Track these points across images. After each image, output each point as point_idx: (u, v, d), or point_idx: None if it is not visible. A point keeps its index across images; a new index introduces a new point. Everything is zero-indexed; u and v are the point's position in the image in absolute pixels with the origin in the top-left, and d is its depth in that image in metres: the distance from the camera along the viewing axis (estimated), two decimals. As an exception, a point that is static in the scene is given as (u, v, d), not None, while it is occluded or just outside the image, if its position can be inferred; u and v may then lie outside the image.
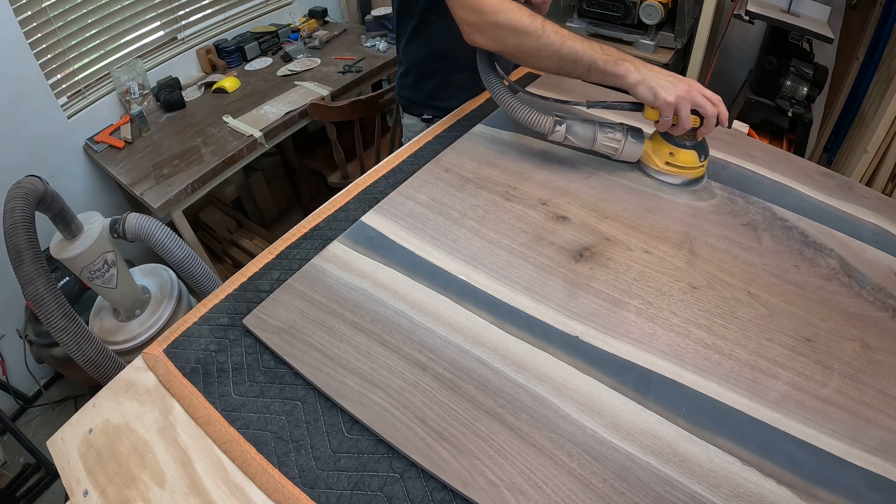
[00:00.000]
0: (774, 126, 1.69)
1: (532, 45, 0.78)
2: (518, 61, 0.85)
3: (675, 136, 0.79)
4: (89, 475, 0.52)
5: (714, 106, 0.75)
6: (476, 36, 0.81)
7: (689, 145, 0.79)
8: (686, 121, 0.75)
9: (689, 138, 0.79)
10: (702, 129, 0.77)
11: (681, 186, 0.81)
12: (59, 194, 0.94)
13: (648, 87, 0.75)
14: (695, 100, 0.74)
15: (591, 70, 0.77)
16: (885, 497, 0.47)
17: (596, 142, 0.82)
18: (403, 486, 0.49)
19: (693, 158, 0.80)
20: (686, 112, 0.74)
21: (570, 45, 0.77)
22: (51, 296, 0.83)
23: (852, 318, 0.62)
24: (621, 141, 0.81)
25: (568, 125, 0.81)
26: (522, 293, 0.65)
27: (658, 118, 0.77)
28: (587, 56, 0.77)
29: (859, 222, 0.76)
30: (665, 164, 0.81)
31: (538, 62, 0.81)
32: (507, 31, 0.78)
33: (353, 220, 0.77)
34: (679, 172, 0.81)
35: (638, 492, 0.47)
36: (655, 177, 0.83)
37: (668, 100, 0.74)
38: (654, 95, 0.74)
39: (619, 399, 0.54)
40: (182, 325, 0.65)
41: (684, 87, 0.74)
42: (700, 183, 0.83)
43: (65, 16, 1.65)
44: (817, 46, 1.66)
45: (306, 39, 2.27)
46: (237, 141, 1.68)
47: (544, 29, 0.77)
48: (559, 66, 0.79)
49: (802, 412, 0.53)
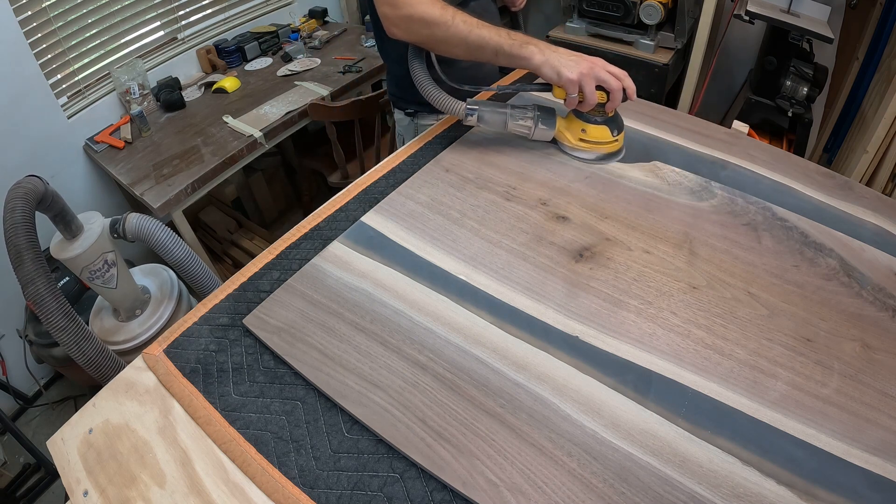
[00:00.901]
0: (774, 126, 1.69)
1: (442, 34, 0.83)
2: (432, 50, 0.90)
3: (584, 112, 0.84)
4: (89, 475, 0.52)
5: (618, 80, 0.79)
6: (393, 29, 0.87)
7: (600, 120, 0.83)
8: (591, 96, 0.79)
9: (599, 114, 0.83)
10: (609, 103, 0.81)
11: (597, 162, 0.86)
12: (59, 194, 0.94)
13: (552, 67, 0.79)
14: (598, 76, 0.78)
15: (498, 54, 0.83)
16: (885, 497, 0.47)
17: (507, 127, 0.87)
18: (403, 486, 0.49)
19: (605, 133, 0.84)
20: (591, 88, 0.78)
21: (478, 32, 0.82)
22: (51, 296, 0.83)
23: (852, 318, 0.62)
24: (532, 125, 0.86)
25: (479, 113, 0.86)
26: (522, 293, 0.65)
27: (565, 96, 0.81)
28: (493, 41, 0.82)
29: (859, 222, 0.76)
30: (578, 140, 0.86)
31: (449, 49, 0.86)
32: (419, 22, 0.84)
33: (353, 220, 0.77)
34: (592, 148, 0.85)
35: (638, 492, 0.47)
36: (570, 153, 0.88)
37: (572, 77, 0.78)
38: (558, 74, 0.79)
39: (619, 399, 0.54)
40: (182, 325, 0.65)
41: (587, 65, 0.79)
42: (617, 157, 0.87)
43: (65, 16, 1.65)
44: (817, 46, 1.66)
45: (306, 39, 2.27)
46: (237, 141, 1.68)
47: (454, 19, 0.83)
48: (468, 52, 0.85)
49: (802, 412, 0.53)
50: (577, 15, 1.90)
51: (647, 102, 1.03)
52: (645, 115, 0.98)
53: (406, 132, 1.23)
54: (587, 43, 1.89)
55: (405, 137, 1.23)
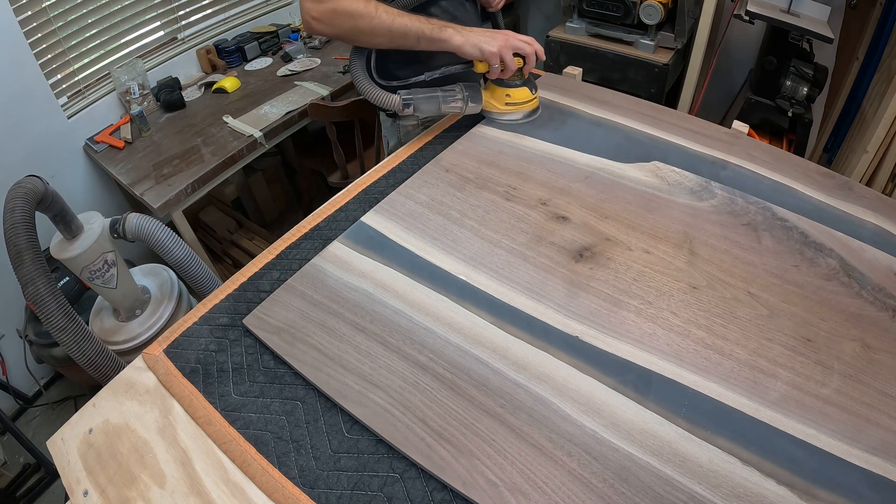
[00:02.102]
0: (774, 126, 1.69)
1: (366, 25, 0.87)
2: (356, 42, 0.93)
3: (505, 79, 0.92)
4: (89, 475, 0.52)
5: (531, 45, 0.89)
6: (315, 24, 0.89)
7: (520, 83, 0.93)
8: (512, 63, 0.88)
9: (518, 78, 0.93)
10: (526, 66, 0.91)
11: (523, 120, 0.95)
12: (59, 194, 0.94)
13: (473, 45, 0.87)
14: (514, 45, 0.87)
15: (420, 39, 0.88)
16: (885, 497, 0.47)
17: (441, 110, 0.94)
18: (403, 486, 0.49)
19: (526, 93, 0.94)
20: (510, 57, 0.87)
21: (400, 20, 0.87)
22: (51, 296, 0.83)
23: (852, 318, 0.62)
24: (462, 103, 0.93)
25: (415, 104, 0.92)
26: (522, 293, 0.65)
27: (488, 69, 0.90)
28: (415, 28, 0.87)
29: (859, 222, 0.76)
30: (505, 105, 0.94)
31: (373, 39, 0.90)
32: (343, 15, 0.87)
33: (353, 220, 0.77)
34: (518, 109, 0.94)
35: (638, 492, 0.47)
36: (499, 118, 0.95)
37: (493, 50, 0.86)
38: (480, 51, 0.87)
39: (619, 399, 0.54)
40: (182, 325, 0.65)
41: (502, 38, 0.87)
42: (537, 113, 0.97)
43: (65, 16, 1.65)
44: (817, 46, 1.66)
45: (306, 39, 2.27)
46: (237, 141, 1.68)
47: (377, 10, 0.87)
48: (392, 41, 0.89)
49: (802, 412, 0.53)
50: (577, 15, 1.90)
51: (647, 102, 1.03)
52: (645, 115, 0.98)
53: (390, 134, 1.22)
54: (587, 43, 1.89)
55: (390, 140, 1.23)
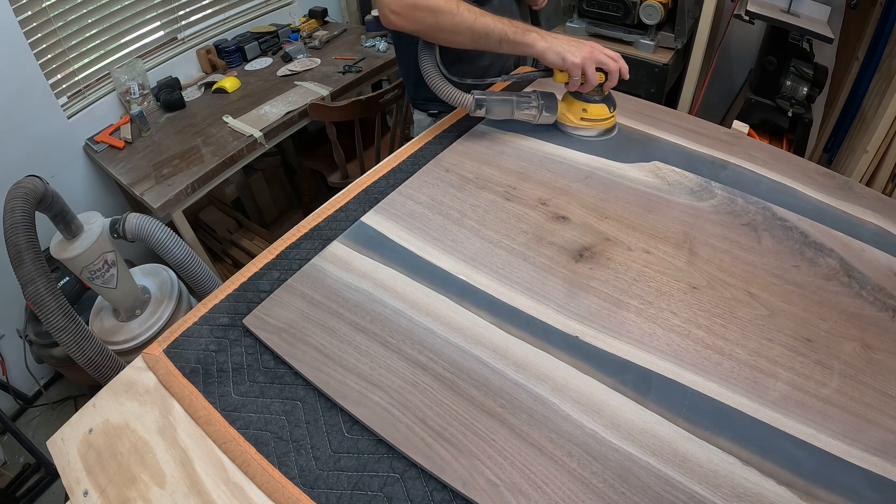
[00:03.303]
0: (774, 126, 1.69)
1: (447, 22, 0.84)
2: (434, 39, 0.90)
3: (584, 93, 0.88)
4: (89, 475, 0.52)
5: (615, 62, 0.84)
6: (393, 18, 0.87)
7: (599, 99, 0.89)
8: (593, 78, 0.84)
9: (597, 93, 0.89)
10: (607, 83, 0.86)
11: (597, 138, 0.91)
12: (59, 194, 0.94)
13: (556, 53, 0.83)
14: (598, 58, 0.83)
15: (503, 41, 0.85)
16: (885, 497, 0.47)
17: (514, 115, 0.91)
18: (403, 486, 0.49)
19: (604, 110, 0.89)
20: (592, 71, 0.83)
21: (483, 20, 0.85)
22: (51, 296, 0.83)
23: (852, 318, 0.62)
24: (536, 111, 0.91)
25: (488, 105, 0.90)
26: (522, 293, 0.65)
27: (568, 80, 0.86)
28: (498, 29, 0.85)
29: (859, 222, 0.76)
30: (580, 119, 0.90)
31: (454, 38, 0.87)
32: (424, 10, 0.84)
33: (353, 220, 0.77)
34: (593, 125, 0.90)
35: (638, 492, 0.47)
36: (572, 133, 0.92)
37: (576, 61, 0.82)
38: (563, 59, 0.83)
39: (619, 399, 0.54)
40: (182, 325, 0.65)
41: (587, 49, 0.83)
42: (612, 132, 0.92)
43: (65, 16, 1.65)
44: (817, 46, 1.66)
45: (306, 39, 2.27)
46: (237, 141, 1.68)
47: (458, 7, 0.84)
48: (473, 41, 0.87)
49: (802, 412, 0.53)
50: (577, 15, 1.90)
51: (647, 102, 1.03)
52: (645, 115, 0.98)
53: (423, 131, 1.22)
54: (587, 43, 1.89)
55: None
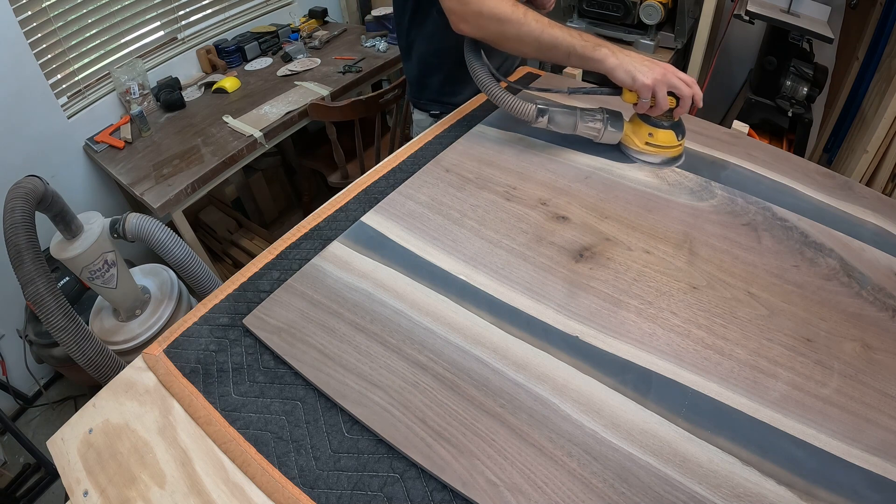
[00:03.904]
0: (774, 126, 1.69)
1: (514, 31, 0.81)
2: (500, 48, 0.87)
3: (652, 117, 0.83)
4: (89, 475, 0.52)
5: (689, 87, 0.79)
6: (461, 24, 0.85)
7: (667, 125, 0.83)
8: (663, 102, 0.79)
9: (666, 119, 0.83)
10: (678, 109, 0.81)
11: (660, 166, 0.85)
12: (59, 194, 0.94)
13: (626, 71, 0.78)
14: (671, 82, 0.78)
15: (571, 55, 0.81)
16: (885, 497, 0.47)
17: (577, 129, 0.86)
18: (403, 487, 0.49)
19: (671, 138, 0.83)
20: (663, 94, 0.78)
21: (551, 31, 0.81)
22: (51, 296, 0.83)
23: (852, 318, 0.62)
24: (601, 127, 0.85)
25: (550, 114, 0.85)
26: (522, 293, 0.65)
27: (636, 101, 0.81)
28: (566, 42, 0.80)
29: (859, 222, 0.76)
30: (645, 144, 0.85)
31: (520, 48, 0.84)
32: (490, 19, 0.81)
33: (353, 220, 0.77)
34: (658, 152, 0.85)
35: (638, 492, 0.47)
36: (636, 157, 0.86)
37: (646, 83, 0.77)
38: (633, 79, 0.78)
39: (619, 399, 0.54)
40: (182, 325, 0.65)
41: (660, 71, 0.78)
42: (679, 161, 0.86)
43: (65, 16, 1.65)
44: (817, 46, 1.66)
45: (306, 39, 2.27)
46: (237, 141, 1.68)
47: (525, 17, 0.81)
48: (540, 52, 0.83)
49: (802, 412, 0.53)
50: (577, 15, 1.90)
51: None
52: (645, 115, 0.98)
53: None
54: (587, 43, 1.89)
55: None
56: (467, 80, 1.08)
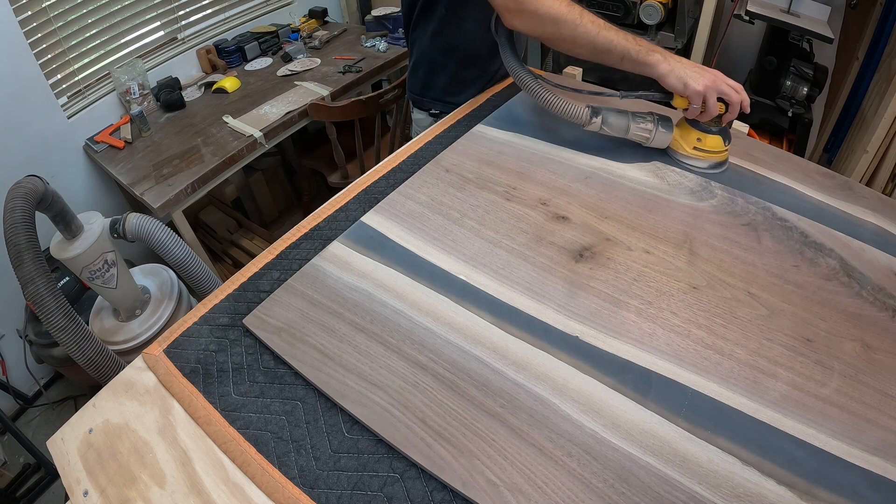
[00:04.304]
0: (774, 126, 1.69)
1: (569, 33, 0.81)
2: (554, 47, 0.87)
3: (701, 122, 0.84)
4: (89, 475, 0.52)
5: (738, 94, 0.80)
6: (516, 21, 0.84)
7: (715, 131, 0.84)
8: (714, 108, 0.80)
9: (714, 124, 0.84)
10: (727, 114, 0.81)
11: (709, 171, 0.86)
12: (59, 194, 0.94)
13: (678, 78, 0.79)
14: (720, 88, 0.79)
15: (624, 59, 0.81)
16: (885, 497, 0.47)
17: (629, 131, 0.86)
18: (403, 486, 0.49)
19: (719, 143, 0.84)
20: (713, 100, 0.79)
21: (606, 35, 0.81)
22: (51, 296, 0.83)
23: (852, 318, 0.62)
24: (653, 130, 0.86)
25: (604, 116, 0.85)
26: (522, 293, 0.65)
27: (687, 106, 0.82)
28: (621, 46, 0.81)
29: (859, 222, 0.76)
30: (693, 149, 0.85)
31: (573, 49, 0.84)
32: (546, 19, 0.81)
33: (353, 220, 0.77)
34: (706, 157, 0.85)
35: (638, 492, 0.47)
36: (683, 161, 0.87)
37: (698, 89, 0.78)
38: (685, 85, 0.79)
39: (619, 399, 0.54)
40: (182, 325, 0.65)
41: (710, 77, 0.79)
42: (724, 167, 0.87)
43: (65, 16, 1.65)
44: (817, 46, 1.66)
45: (306, 39, 2.27)
46: (237, 141, 1.68)
47: (581, 18, 0.81)
48: (594, 54, 0.83)
49: (802, 412, 0.53)
50: (577, 15, 1.90)
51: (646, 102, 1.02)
52: (645, 115, 0.98)
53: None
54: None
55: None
56: (472, 80, 1.07)
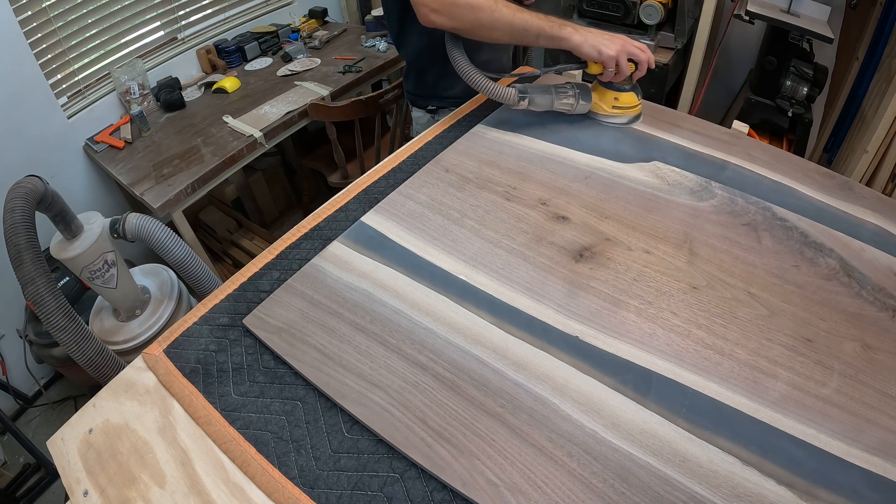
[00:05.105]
0: (774, 126, 1.69)
1: (487, 18, 0.87)
2: (474, 36, 0.92)
3: (615, 83, 0.93)
4: (89, 475, 0.52)
5: (644, 53, 0.89)
6: (433, 16, 0.89)
7: (628, 88, 0.94)
8: (626, 69, 0.89)
9: (627, 83, 0.93)
10: (637, 72, 0.91)
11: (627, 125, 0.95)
12: (59, 194, 0.94)
13: (592, 46, 0.87)
14: (629, 50, 0.88)
15: (540, 36, 0.88)
16: (885, 497, 0.47)
17: (554, 106, 0.94)
18: (403, 486, 0.49)
19: (633, 98, 0.94)
20: (625, 62, 0.88)
21: (521, 16, 0.87)
22: (51, 296, 0.83)
23: (852, 318, 0.62)
24: (574, 101, 0.94)
25: (530, 97, 0.92)
26: (522, 293, 0.65)
27: (602, 71, 0.91)
28: (536, 24, 0.87)
29: (859, 222, 0.76)
30: (612, 107, 0.95)
31: (492, 33, 0.89)
32: (463, 8, 0.86)
33: (353, 220, 0.77)
34: (624, 112, 0.95)
35: (638, 492, 0.47)
36: (605, 121, 0.96)
37: (611, 54, 0.86)
38: (599, 52, 0.87)
39: (619, 399, 0.54)
40: (182, 325, 0.65)
41: (620, 42, 0.88)
42: (639, 119, 0.97)
43: (65, 16, 1.65)
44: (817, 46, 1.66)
45: (306, 39, 2.27)
46: (237, 141, 1.68)
47: (496, 3, 0.87)
48: (512, 36, 0.90)
49: (802, 412, 0.53)
50: (577, 15, 1.90)
51: (647, 102, 1.03)
52: (645, 115, 0.98)
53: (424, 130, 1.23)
54: (587, 43, 1.89)
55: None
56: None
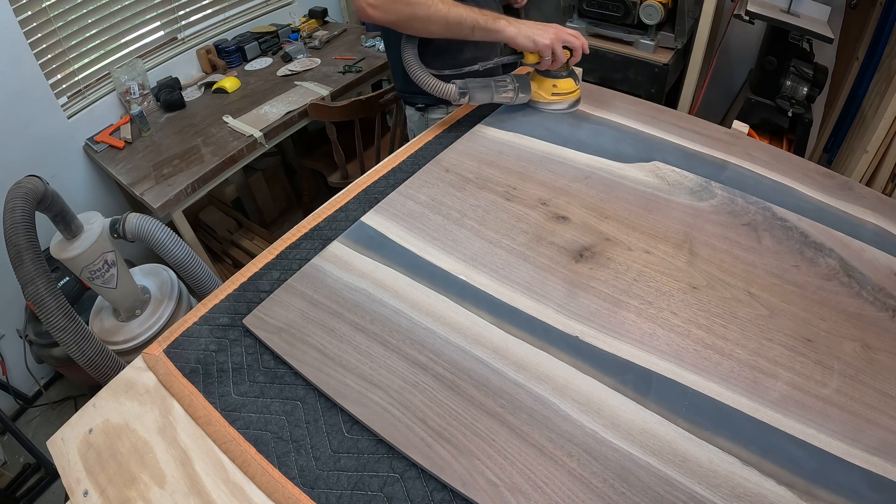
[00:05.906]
0: (774, 126, 1.69)
1: (423, 12, 0.88)
2: (409, 30, 0.93)
3: (552, 70, 0.95)
4: (89, 475, 0.52)
5: (578, 40, 0.92)
6: (370, 11, 0.90)
7: (566, 74, 0.96)
8: (562, 56, 0.91)
9: (563, 70, 0.96)
10: (572, 59, 0.93)
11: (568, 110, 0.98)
12: (59, 194, 0.94)
13: (526, 37, 0.89)
14: (564, 38, 0.90)
15: (475, 29, 0.90)
16: (885, 497, 0.47)
17: (494, 99, 0.97)
18: (403, 486, 0.49)
19: (571, 84, 0.97)
20: (560, 49, 0.90)
21: (455, 10, 0.89)
22: (51, 296, 0.83)
23: (852, 318, 0.62)
24: (513, 93, 0.97)
25: (470, 93, 0.95)
26: (522, 293, 0.65)
27: (539, 60, 0.93)
28: (470, 17, 0.89)
29: (859, 222, 0.76)
30: (552, 95, 0.97)
31: (429, 27, 0.91)
32: (400, 3, 0.87)
33: (353, 220, 0.77)
34: (564, 98, 0.98)
35: (638, 492, 0.47)
36: (545, 108, 0.99)
37: (546, 43, 0.89)
38: (534, 42, 0.89)
39: (619, 399, 0.54)
40: (182, 325, 0.65)
41: (553, 31, 0.90)
42: (579, 104, 1.00)
43: (65, 16, 1.65)
44: (817, 46, 1.66)
45: (306, 39, 2.27)
46: (237, 141, 1.68)
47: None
48: (447, 30, 0.91)
49: (802, 412, 0.53)
50: (577, 15, 1.90)
51: (647, 102, 1.03)
52: (645, 115, 0.98)
53: (417, 128, 1.23)
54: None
55: (416, 133, 1.23)
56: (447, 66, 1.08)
